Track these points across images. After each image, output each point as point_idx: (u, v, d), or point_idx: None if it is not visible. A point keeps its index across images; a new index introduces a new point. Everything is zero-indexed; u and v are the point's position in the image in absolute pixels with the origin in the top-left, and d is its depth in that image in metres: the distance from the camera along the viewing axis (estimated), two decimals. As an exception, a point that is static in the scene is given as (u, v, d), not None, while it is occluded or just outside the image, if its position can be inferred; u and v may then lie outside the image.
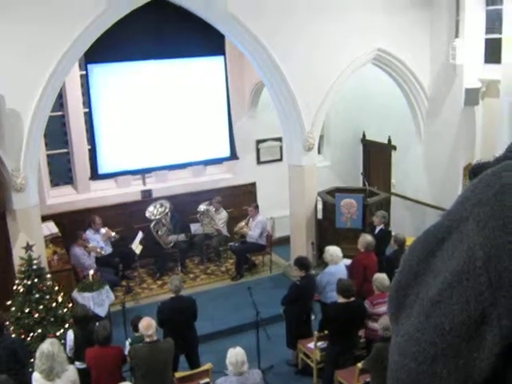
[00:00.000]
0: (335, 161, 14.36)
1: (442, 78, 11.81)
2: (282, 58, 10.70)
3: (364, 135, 14.40)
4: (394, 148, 13.46)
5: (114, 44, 11.04)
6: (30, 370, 7.13)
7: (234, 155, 13.30)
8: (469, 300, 0.64)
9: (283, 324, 8.98)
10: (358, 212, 11.12)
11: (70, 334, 7.68)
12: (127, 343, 7.70)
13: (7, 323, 7.83)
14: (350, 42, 11.10)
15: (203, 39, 11.90)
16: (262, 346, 8.59)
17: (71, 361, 7.38)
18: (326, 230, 11.68)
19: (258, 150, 13.70)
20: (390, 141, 13.52)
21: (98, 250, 11.12)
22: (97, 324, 7.39)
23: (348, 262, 9.36)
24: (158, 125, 12.38)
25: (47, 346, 6.55)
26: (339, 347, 7.87)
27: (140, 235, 11.60)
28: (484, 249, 0.64)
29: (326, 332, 8.17)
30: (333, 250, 9.11)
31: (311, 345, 8.55)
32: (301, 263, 8.89)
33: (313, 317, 9.42)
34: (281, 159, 13.70)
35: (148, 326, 6.94)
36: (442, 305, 0.66)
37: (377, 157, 14.09)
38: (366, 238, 9.22)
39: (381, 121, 13.56)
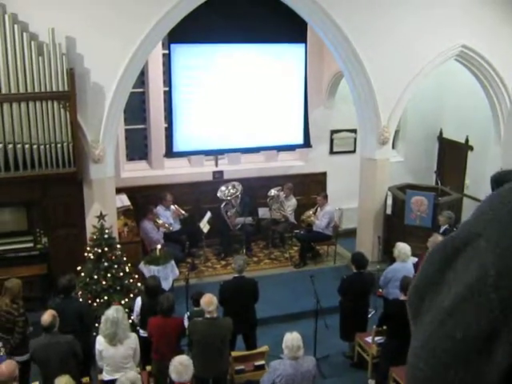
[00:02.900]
0: (409, 157, 14.13)
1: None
2: (363, 51, 10.59)
3: (441, 133, 14.10)
4: (471, 148, 13.12)
5: (198, 25, 11.18)
6: (94, 333, 7.44)
7: (307, 143, 13.29)
8: (480, 315, 0.65)
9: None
10: (428, 210, 10.93)
11: (139, 301, 7.96)
12: (186, 316, 7.89)
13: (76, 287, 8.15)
14: (433, 38, 10.86)
15: (286, 26, 11.89)
16: (320, 336, 8.60)
17: (135, 328, 7.65)
18: (394, 225, 11.55)
19: (331, 140, 13.63)
20: (467, 140, 13.18)
21: (167, 225, 11.38)
22: (161, 296, 7.61)
23: (416, 260, 9.23)
24: (235, 108, 12.49)
25: (112, 312, 6.83)
26: (396, 344, 7.80)
27: (208, 215, 11.79)
28: (495, 268, 0.65)
29: (384, 327, 8.13)
30: (402, 247, 9.01)
31: (369, 339, 8.51)
32: (353, 259, 8.89)
33: (372, 312, 9.38)
34: (354, 151, 13.59)
35: (209, 302, 7.09)
36: (456, 316, 0.67)
37: (452, 156, 13.76)
38: (438, 239, 9.01)
39: (459, 119, 13.23)
